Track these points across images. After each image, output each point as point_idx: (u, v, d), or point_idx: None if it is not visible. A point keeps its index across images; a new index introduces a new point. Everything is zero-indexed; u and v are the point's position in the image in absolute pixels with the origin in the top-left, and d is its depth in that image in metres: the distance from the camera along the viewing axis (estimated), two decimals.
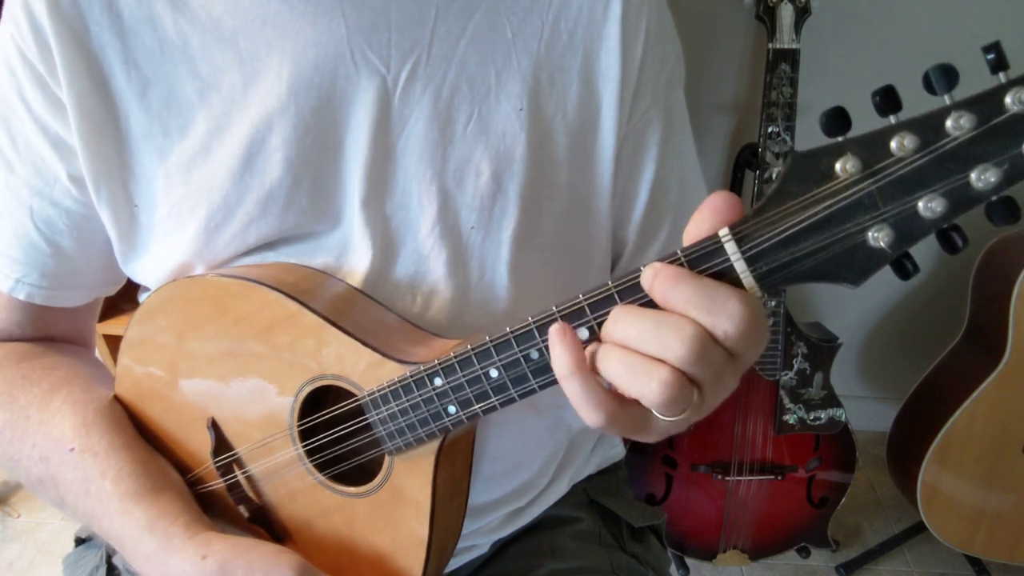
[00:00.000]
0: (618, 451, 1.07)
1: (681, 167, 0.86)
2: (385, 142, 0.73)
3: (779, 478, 1.82)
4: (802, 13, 1.57)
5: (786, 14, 1.57)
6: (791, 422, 1.76)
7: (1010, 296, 1.63)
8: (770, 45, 1.58)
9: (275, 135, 0.72)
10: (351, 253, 0.75)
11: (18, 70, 0.72)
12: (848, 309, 2.23)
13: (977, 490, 1.81)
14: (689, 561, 2.01)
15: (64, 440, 0.76)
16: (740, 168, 1.85)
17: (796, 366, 1.73)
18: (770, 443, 1.80)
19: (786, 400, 1.74)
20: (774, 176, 1.58)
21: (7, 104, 0.74)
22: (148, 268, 0.79)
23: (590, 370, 0.54)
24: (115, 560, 0.92)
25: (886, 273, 0.49)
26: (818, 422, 1.77)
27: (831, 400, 1.75)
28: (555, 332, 0.54)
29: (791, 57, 1.57)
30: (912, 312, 2.22)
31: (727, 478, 1.82)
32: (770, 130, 1.60)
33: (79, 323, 0.90)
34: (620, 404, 0.54)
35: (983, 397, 1.71)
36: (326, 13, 0.71)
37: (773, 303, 1.65)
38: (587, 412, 0.54)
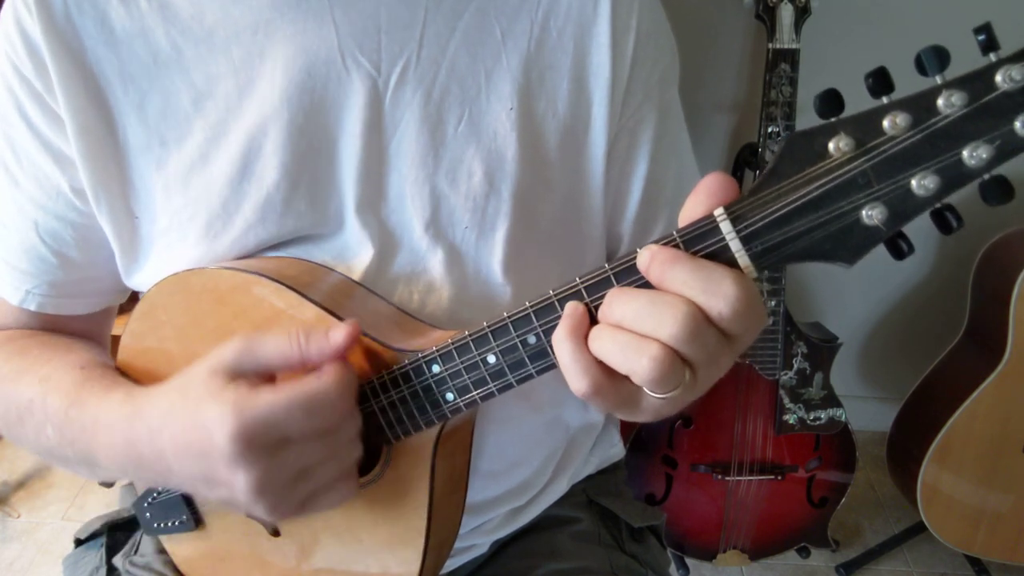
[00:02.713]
0: (618, 451, 1.07)
1: (677, 164, 0.86)
2: (378, 144, 0.74)
3: (779, 478, 1.81)
4: (802, 13, 1.58)
5: (786, 14, 1.57)
6: (791, 422, 1.76)
7: (1010, 296, 1.63)
8: (770, 45, 1.59)
9: (270, 141, 0.72)
10: (350, 254, 0.76)
11: (15, 87, 0.72)
12: (848, 309, 2.23)
13: (977, 490, 1.81)
14: (689, 561, 2.01)
15: (74, 363, 0.76)
16: (740, 167, 1.85)
17: (796, 366, 1.73)
18: (770, 443, 1.80)
19: (786, 400, 1.74)
20: None
21: (7, 121, 0.74)
22: (151, 280, 0.78)
23: (584, 338, 0.55)
24: (115, 560, 0.92)
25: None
26: (818, 422, 1.77)
27: (831, 400, 1.75)
28: (568, 305, 0.56)
29: (791, 57, 1.58)
30: (912, 312, 2.21)
31: (727, 478, 1.82)
32: (770, 130, 1.60)
33: (92, 327, 0.90)
34: (608, 376, 0.54)
35: (983, 397, 1.71)
36: (316, 19, 0.72)
37: (773, 303, 1.65)
38: (574, 378, 0.55)
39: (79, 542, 0.98)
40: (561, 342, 0.55)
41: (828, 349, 1.73)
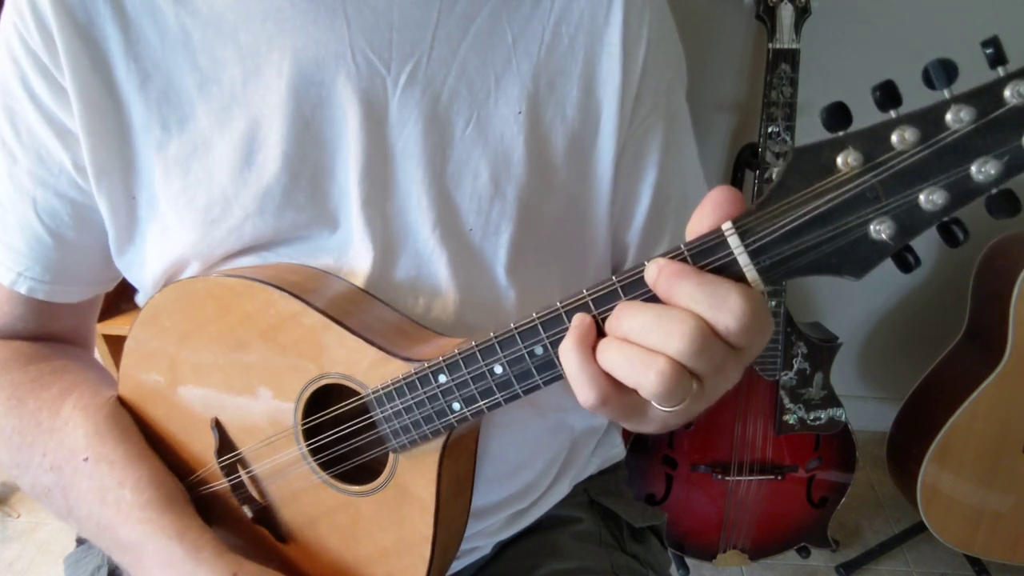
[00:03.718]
0: (618, 451, 1.07)
1: (683, 172, 0.86)
2: (383, 143, 0.74)
3: (779, 478, 1.82)
4: (802, 13, 1.58)
5: (786, 14, 1.57)
6: (791, 422, 1.76)
7: (1010, 296, 1.64)
8: (770, 45, 1.58)
9: (274, 131, 0.72)
10: (352, 254, 0.75)
11: (22, 59, 0.72)
12: (848, 309, 2.23)
13: (977, 490, 1.81)
14: (689, 561, 2.01)
15: (77, 449, 0.76)
16: (740, 168, 1.85)
17: (796, 366, 1.73)
18: (770, 443, 1.80)
19: (786, 400, 1.74)
20: (774, 176, 1.59)
21: (10, 94, 0.74)
22: (143, 261, 0.79)
23: (592, 350, 0.55)
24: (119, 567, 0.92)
25: (887, 273, 0.50)
26: (818, 422, 1.77)
27: (831, 400, 1.76)
28: (576, 317, 0.56)
29: (791, 57, 1.57)
30: (912, 312, 2.22)
31: (727, 478, 1.82)
32: (770, 130, 1.60)
33: (80, 320, 0.90)
34: (616, 388, 0.54)
35: (983, 397, 1.71)
36: (328, 11, 0.71)
37: (773, 303, 1.65)
38: (581, 389, 0.55)
39: (80, 541, 0.98)
40: (568, 353, 0.55)
41: (828, 349, 1.74)
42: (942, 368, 1.86)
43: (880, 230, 0.46)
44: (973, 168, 0.43)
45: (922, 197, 0.45)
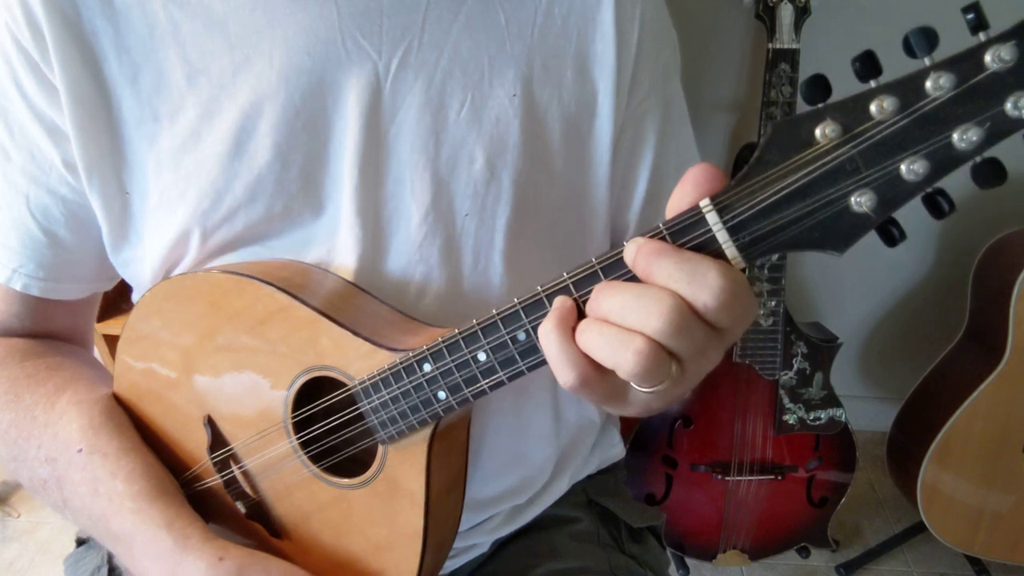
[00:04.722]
0: (618, 451, 1.07)
1: (680, 155, 0.86)
2: (376, 129, 0.73)
3: (779, 478, 1.81)
4: (802, 13, 1.57)
5: (786, 14, 1.56)
6: (791, 422, 1.75)
7: (1010, 296, 1.63)
8: (770, 44, 1.58)
9: (264, 121, 0.71)
10: (343, 242, 0.75)
11: (12, 56, 0.71)
12: (848, 309, 2.22)
13: (977, 490, 1.80)
14: (689, 561, 2.01)
15: (72, 442, 0.76)
16: (740, 167, 1.84)
17: (796, 366, 1.72)
18: (770, 443, 1.79)
19: (786, 400, 1.74)
20: None
21: (2, 91, 0.74)
22: (139, 257, 0.79)
23: (571, 331, 0.54)
24: (116, 560, 0.92)
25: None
26: (818, 422, 1.76)
27: (831, 400, 1.75)
28: (556, 299, 0.56)
29: (791, 57, 1.57)
30: (912, 312, 2.21)
31: (727, 478, 1.82)
32: None
33: (78, 319, 0.90)
34: (596, 370, 0.54)
35: (983, 397, 1.70)
36: None
37: (773, 303, 1.65)
38: (561, 371, 0.55)
39: (80, 541, 0.98)
40: (548, 335, 0.55)
41: (828, 349, 1.73)
42: (942, 368, 1.86)
43: (861, 202, 0.45)
44: (955, 136, 0.42)
45: (903, 167, 0.44)
